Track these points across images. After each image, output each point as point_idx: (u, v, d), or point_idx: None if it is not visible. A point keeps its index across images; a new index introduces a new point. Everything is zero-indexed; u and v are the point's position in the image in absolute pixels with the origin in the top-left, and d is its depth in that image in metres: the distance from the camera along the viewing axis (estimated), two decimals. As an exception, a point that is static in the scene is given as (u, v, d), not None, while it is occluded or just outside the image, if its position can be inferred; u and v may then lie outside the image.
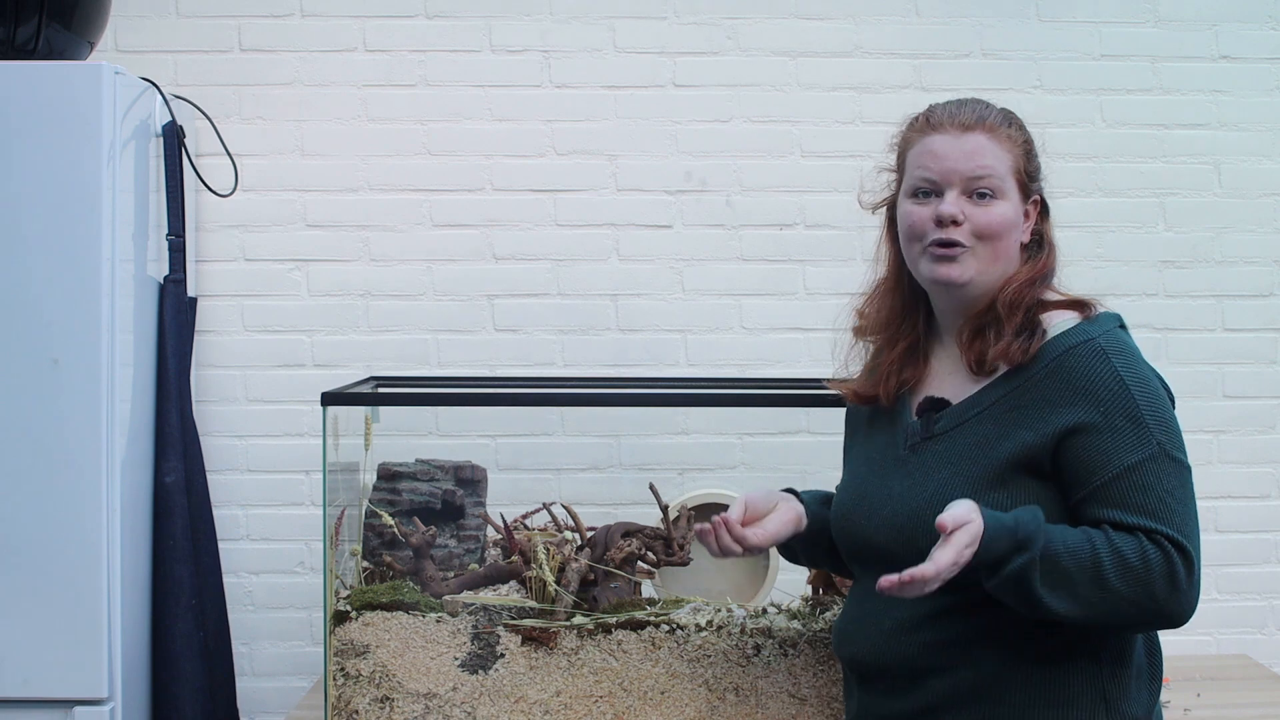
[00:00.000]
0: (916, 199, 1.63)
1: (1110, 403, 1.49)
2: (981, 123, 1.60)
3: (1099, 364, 1.51)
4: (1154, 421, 1.49)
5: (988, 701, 1.55)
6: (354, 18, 2.66)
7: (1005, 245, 1.60)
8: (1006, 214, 1.59)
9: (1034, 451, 1.52)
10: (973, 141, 1.59)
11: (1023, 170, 1.62)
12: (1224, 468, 2.71)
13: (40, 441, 2.16)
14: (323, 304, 2.67)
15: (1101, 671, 1.55)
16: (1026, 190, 1.63)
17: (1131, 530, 1.47)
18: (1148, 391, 1.51)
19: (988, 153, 1.59)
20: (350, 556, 2.24)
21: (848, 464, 1.83)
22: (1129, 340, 1.57)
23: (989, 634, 1.55)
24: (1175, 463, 1.50)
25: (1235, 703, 2.33)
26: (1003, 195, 1.59)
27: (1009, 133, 1.62)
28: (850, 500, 1.71)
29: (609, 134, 2.68)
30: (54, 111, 2.16)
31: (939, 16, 2.69)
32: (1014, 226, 1.61)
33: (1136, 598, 1.45)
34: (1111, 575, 1.44)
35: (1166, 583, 1.45)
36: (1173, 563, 1.45)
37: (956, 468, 1.57)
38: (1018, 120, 1.66)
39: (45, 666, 2.16)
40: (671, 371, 2.68)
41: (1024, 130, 1.65)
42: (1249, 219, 2.72)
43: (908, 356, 1.71)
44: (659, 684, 2.05)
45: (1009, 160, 1.60)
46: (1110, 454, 1.49)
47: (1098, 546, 1.45)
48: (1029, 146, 1.65)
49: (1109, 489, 1.48)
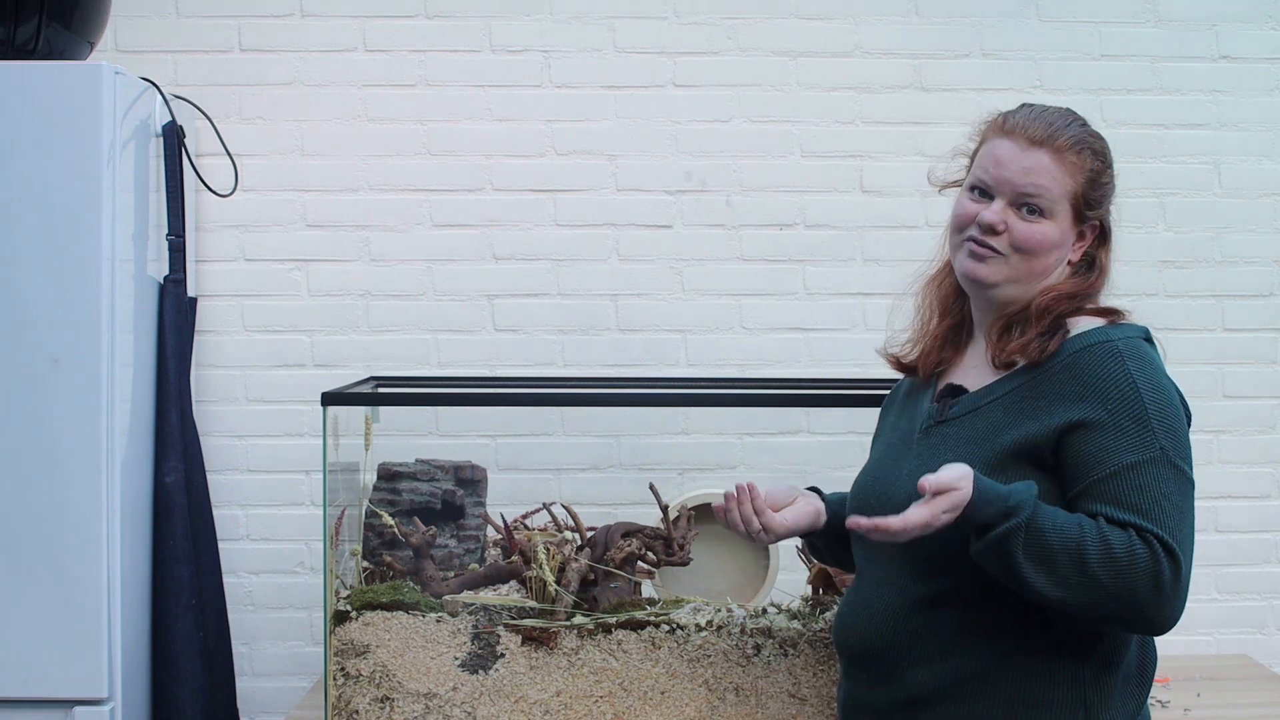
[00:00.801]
0: (972, 194, 1.66)
1: (1118, 402, 1.50)
2: (1050, 141, 1.61)
3: (1113, 364, 1.52)
4: (1160, 426, 1.49)
5: (967, 699, 1.56)
6: (354, 18, 2.66)
7: (1041, 263, 1.61)
8: (1048, 234, 1.60)
9: (1036, 442, 1.53)
10: (1034, 158, 1.60)
11: (1081, 196, 1.61)
12: (1224, 468, 2.71)
13: (40, 441, 2.16)
14: (323, 304, 2.67)
15: (1084, 676, 1.54)
16: (1082, 216, 1.63)
17: (1123, 526, 1.47)
18: (1159, 398, 1.51)
19: (1045, 172, 1.60)
20: (350, 556, 2.24)
21: (872, 450, 1.85)
22: (1151, 351, 1.58)
23: (975, 628, 1.55)
24: (1176, 470, 1.49)
25: (1235, 703, 2.33)
26: (1051, 215, 1.60)
27: (1076, 158, 1.61)
28: (865, 481, 1.75)
29: (609, 134, 2.68)
30: (54, 111, 2.16)
31: (939, 16, 2.69)
32: (1055, 247, 1.61)
33: (1118, 590, 1.44)
34: (1094, 561, 1.44)
35: (1150, 581, 1.44)
36: (1159, 563, 1.44)
37: (960, 452, 1.58)
38: (1096, 146, 1.64)
39: (45, 666, 2.16)
40: (671, 371, 2.68)
41: (1098, 158, 1.63)
42: (1249, 219, 2.72)
43: (951, 334, 1.75)
44: (659, 684, 2.05)
45: (1068, 185, 1.60)
46: (1111, 451, 1.49)
47: (1086, 531, 1.46)
48: (1097, 175, 1.63)
49: (1105, 484, 1.49)
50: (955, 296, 1.76)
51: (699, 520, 2.26)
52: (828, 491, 1.88)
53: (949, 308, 1.76)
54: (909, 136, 2.68)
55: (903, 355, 1.81)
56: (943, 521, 1.46)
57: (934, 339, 1.76)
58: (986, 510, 1.46)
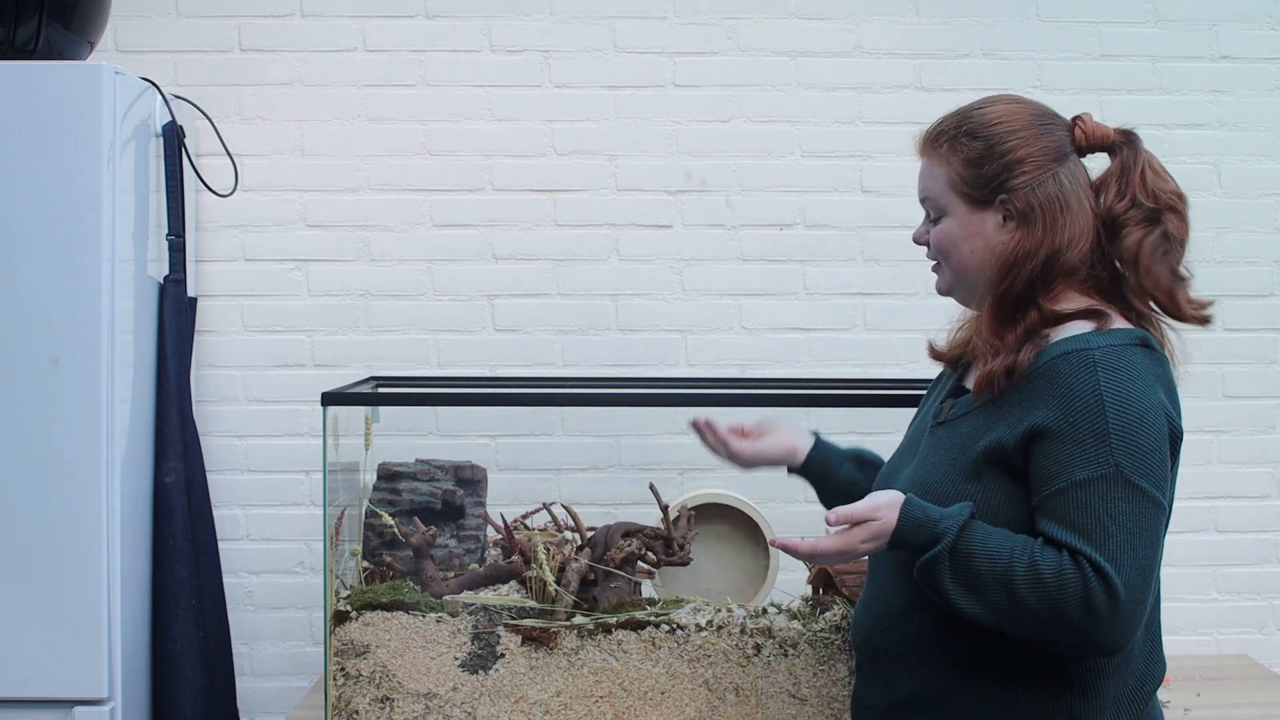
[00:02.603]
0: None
1: (1080, 413, 1.45)
2: (928, 144, 1.64)
3: (1083, 374, 1.46)
4: (1120, 442, 1.42)
5: (952, 708, 1.55)
6: (354, 18, 2.66)
7: (959, 259, 1.61)
8: (947, 230, 1.61)
9: (1006, 449, 1.50)
10: (922, 166, 1.65)
11: (960, 180, 1.58)
12: (1224, 468, 2.71)
13: (40, 442, 2.16)
14: (323, 304, 2.67)
15: (1071, 690, 1.51)
16: (975, 199, 1.58)
17: (1060, 547, 1.43)
18: (1126, 412, 1.44)
19: (925, 175, 1.64)
20: (350, 556, 2.24)
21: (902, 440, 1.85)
22: (1137, 359, 1.50)
23: (964, 635, 1.53)
24: (1132, 489, 1.42)
25: (1235, 703, 2.33)
26: (945, 211, 1.61)
27: (947, 149, 1.60)
28: (884, 472, 1.77)
29: (609, 134, 2.68)
30: (54, 111, 2.16)
31: (939, 16, 2.69)
32: (961, 239, 1.60)
33: (1049, 615, 1.41)
34: (1022, 587, 1.41)
35: (1080, 605, 1.39)
36: (1089, 588, 1.39)
37: (946, 456, 1.58)
38: (971, 128, 1.59)
39: (45, 666, 2.16)
40: (671, 371, 2.68)
41: (975, 139, 1.58)
42: (1249, 219, 2.72)
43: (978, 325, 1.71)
44: (659, 684, 2.05)
45: (944, 175, 1.60)
46: (1064, 465, 1.44)
47: (1015, 555, 1.43)
48: (977, 156, 1.58)
49: (1053, 501, 1.45)
50: None
51: (699, 520, 2.26)
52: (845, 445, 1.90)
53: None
54: (909, 136, 2.63)
55: (936, 343, 1.77)
56: (863, 550, 1.48)
57: (964, 328, 1.72)
58: (914, 536, 1.47)
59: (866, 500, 1.50)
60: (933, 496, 1.53)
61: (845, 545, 1.48)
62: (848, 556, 1.50)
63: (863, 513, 1.48)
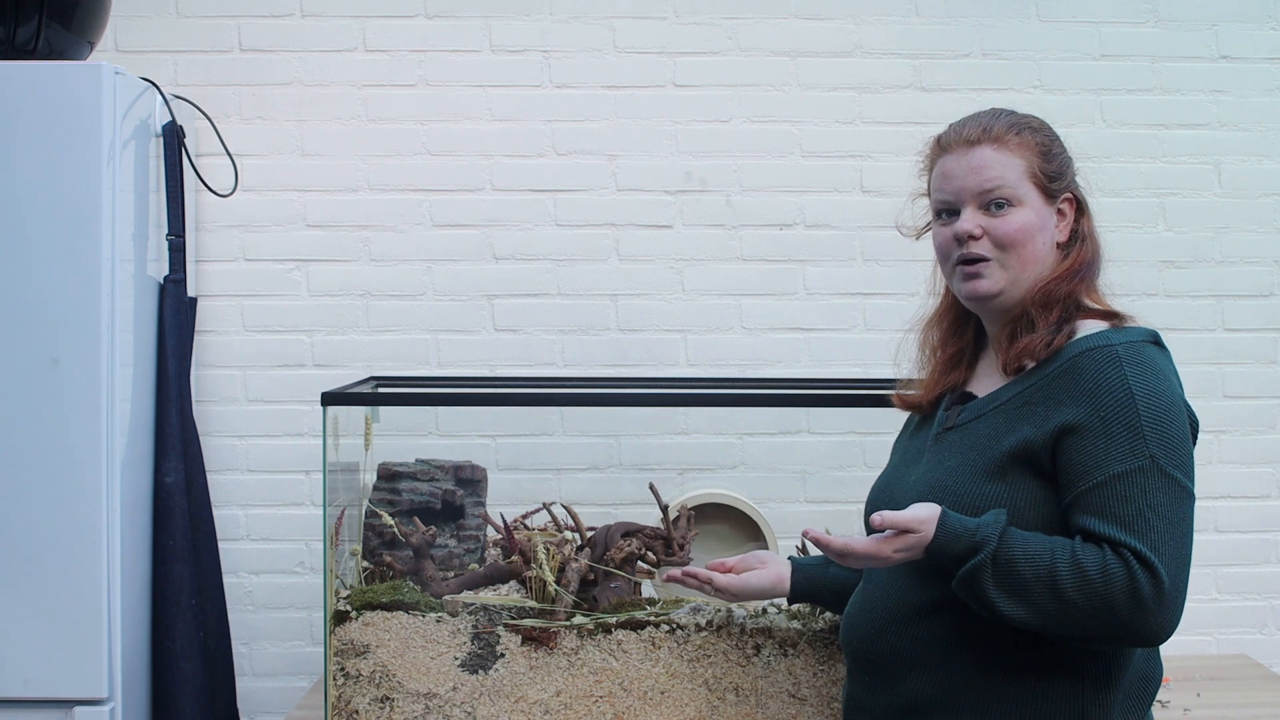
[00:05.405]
0: (941, 220, 1.67)
1: (1111, 408, 1.48)
2: (986, 134, 1.62)
3: (1109, 368, 1.50)
4: (1153, 434, 1.46)
5: (963, 709, 1.55)
6: (354, 18, 2.66)
7: (1031, 250, 1.60)
8: (1025, 220, 1.60)
9: (1034, 447, 1.52)
10: (979, 156, 1.61)
11: (1039, 172, 1.61)
12: (1224, 468, 2.71)
13: (40, 441, 2.16)
14: (323, 304, 2.67)
15: (1082, 690, 1.52)
16: (1049, 191, 1.62)
17: (1101, 541, 1.44)
18: (1155, 404, 1.48)
19: (994, 164, 1.61)
20: (350, 556, 2.24)
21: (891, 454, 1.86)
22: (1155, 356, 1.54)
23: (971, 638, 1.54)
24: (1168, 479, 1.46)
25: (1235, 703, 2.33)
26: (1019, 202, 1.60)
27: (1017, 139, 1.62)
28: (879, 485, 1.76)
29: (609, 134, 2.68)
30: (54, 111, 2.16)
31: (939, 16, 2.69)
32: (1037, 230, 1.61)
33: (1096, 611, 1.42)
34: (1068, 586, 1.42)
35: (1128, 599, 1.41)
36: (1135, 579, 1.41)
37: (965, 457, 1.58)
38: (1034, 123, 1.65)
39: (45, 666, 2.16)
40: (671, 371, 2.68)
41: (1040, 132, 1.64)
42: (1249, 219, 2.72)
43: (953, 362, 1.74)
44: (659, 684, 2.05)
45: (1020, 165, 1.61)
46: (1100, 460, 1.47)
47: (1057, 556, 1.44)
48: (1046, 147, 1.63)
49: (1091, 495, 1.47)
50: (957, 326, 1.76)
51: (699, 520, 2.26)
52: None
53: (948, 339, 1.77)
54: (909, 136, 2.68)
55: (905, 394, 1.81)
56: (895, 559, 1.49)
57: (936, 368, 1.76)
58: (953, 547, 1.46)
59: (910, 510, 1.49)
60: (952, 497, 1.53)
61: (878, 551, 1.48)
62: (876, 562, 1.50)
63: (906, 522, 1.48)
